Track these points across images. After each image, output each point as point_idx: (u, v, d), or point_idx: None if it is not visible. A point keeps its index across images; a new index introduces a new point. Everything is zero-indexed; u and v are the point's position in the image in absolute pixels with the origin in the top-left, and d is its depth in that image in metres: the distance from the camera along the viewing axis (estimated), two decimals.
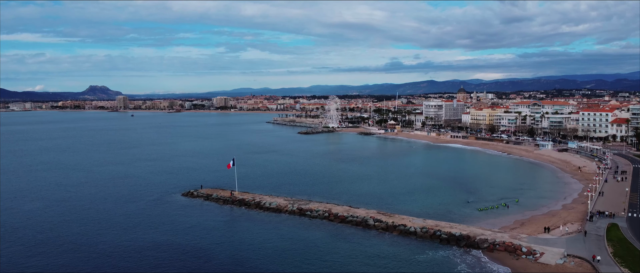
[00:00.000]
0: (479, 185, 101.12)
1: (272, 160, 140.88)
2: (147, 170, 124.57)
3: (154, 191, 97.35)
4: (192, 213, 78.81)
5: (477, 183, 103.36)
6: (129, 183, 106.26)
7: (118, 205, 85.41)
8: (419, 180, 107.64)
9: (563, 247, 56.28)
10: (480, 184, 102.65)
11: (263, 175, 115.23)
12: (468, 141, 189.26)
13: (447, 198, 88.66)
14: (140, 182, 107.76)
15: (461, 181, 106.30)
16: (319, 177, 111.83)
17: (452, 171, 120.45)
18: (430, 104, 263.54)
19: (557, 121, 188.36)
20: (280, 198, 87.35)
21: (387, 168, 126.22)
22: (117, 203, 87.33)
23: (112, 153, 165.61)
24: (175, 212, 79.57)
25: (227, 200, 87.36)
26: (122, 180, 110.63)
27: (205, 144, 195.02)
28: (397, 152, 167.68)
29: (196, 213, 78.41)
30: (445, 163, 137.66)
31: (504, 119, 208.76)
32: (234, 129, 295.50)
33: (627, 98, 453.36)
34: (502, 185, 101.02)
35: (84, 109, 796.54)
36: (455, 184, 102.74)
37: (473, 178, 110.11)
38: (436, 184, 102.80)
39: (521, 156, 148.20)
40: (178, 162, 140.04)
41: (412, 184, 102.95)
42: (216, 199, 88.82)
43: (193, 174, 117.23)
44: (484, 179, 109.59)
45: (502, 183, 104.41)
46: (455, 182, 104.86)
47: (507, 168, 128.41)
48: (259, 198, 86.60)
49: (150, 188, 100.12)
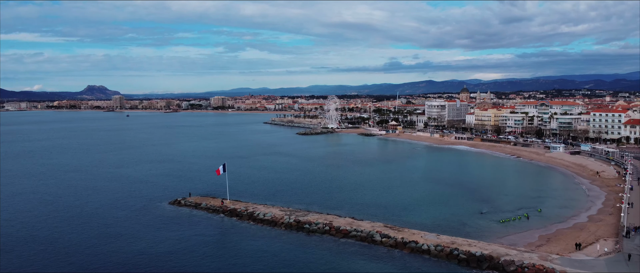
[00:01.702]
0: (492, 193, 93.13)
1: (268, 164, 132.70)
2: (132, 175, 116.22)
3: (138, 198, 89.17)
4: (177, 225, 70.56)
5: (489, 191, 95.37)
6: (113, 189, 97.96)
7: (97, 214, 77.21)
8: (426, 187, 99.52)
9: (603, 270, 48.30)
10: (493, 191, 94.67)
11: (258, 180, 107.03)
12: (474, 143, 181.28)
13: (459, 208, 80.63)
14: (124, 188, 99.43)
15: (472, 187, 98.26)
16: (318, 183, 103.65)
17: (461, 176, 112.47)
18: (432, 104, 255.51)
19: (566, 122, 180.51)
20: (276, 207, 79.25)
21: (391, 173, 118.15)
22: (96, 211, 79.13)
23: (98, 156, 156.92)
24: (160, 224, 71.33)
25: (217, 210, 79.31)
26: (105, 185, 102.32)
27: (198, 146, 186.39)
28: (400, 154, 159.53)
29: (182, 226, 70.15)
30: (452, 167, 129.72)
31: (510, 120, 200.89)
32: (230, 130, 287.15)
33: (628, 98, 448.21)
34: (516, 193, 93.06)
35: (80, 109, 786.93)
36: (465, 191, 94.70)
37: (484, 184, 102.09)
38: (445, 191, 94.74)
39: (532, 159, 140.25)
40: (167, 166, 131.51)
41: (419, 191, 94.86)
42: (205, 208, 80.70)
43: (182, 179, 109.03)
44: (496, 185, 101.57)
45: (516, 190, 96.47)
46: (466, 189, 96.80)
47: (519, 173, 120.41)
48: (252, 208, 78.49)
49: (135, 195, 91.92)
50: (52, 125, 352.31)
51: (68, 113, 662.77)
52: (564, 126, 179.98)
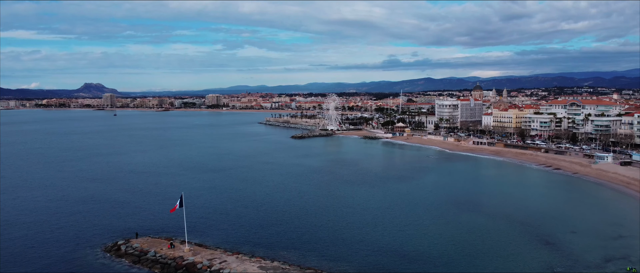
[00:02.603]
0: (553, 229, 68.05)
1: (249, 184, 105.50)
2: (70, 199, 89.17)
3: (65, 240, 63.77)
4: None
5: (547, 225, 70.25)
6: (36, 223, 72.16)
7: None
8: (461, 220, 74.07)
9: None
10: (554, 226, 69.52)
11: (231, 211, 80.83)
12: (496, 150, 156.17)
13: (519, 260, 55.50)
14: (51, 221, 73.40)
15: (522, 219, 73.12)
16: (315, 215, 77.81)
17: (500, 200, 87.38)
18: (443, 103, 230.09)
19: (603, 124, 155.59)
20: (253, 260, 54.18)
21: (409, 196, 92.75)
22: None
23: (41, 169, 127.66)
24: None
25: (167, 265, 54.14)
26: (28, 217, 76.28)
27: (168, 156, 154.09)
28: (414, 166, 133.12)
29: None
30: (482, 185, 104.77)
31: (535, 122, 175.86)
32: (218, 132, 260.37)
33: (632, 96, 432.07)
34: (586, 229, 68.04)
35: (69, 107, 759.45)
36: (516, 226, 69.61)
37: (536, 214, 76.87)
38: (488, 227, 69.55)
39: (576, 172, 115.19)
40: (119, 186, 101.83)
41: (454, 227, 69.55)
42: (152, 261, 55.49)
43: (132, 207, 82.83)
44: (553, 215, 76.32)
45: (583, 223, 71.41)
46: (515, 222, 71.65)
47: (572, 195, 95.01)
48: (219, 262, 53.45)
49: (62, 234, 66.38)
50: (25, 126, 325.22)
51: (56, 112, 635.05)
52: (601, 129, 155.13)
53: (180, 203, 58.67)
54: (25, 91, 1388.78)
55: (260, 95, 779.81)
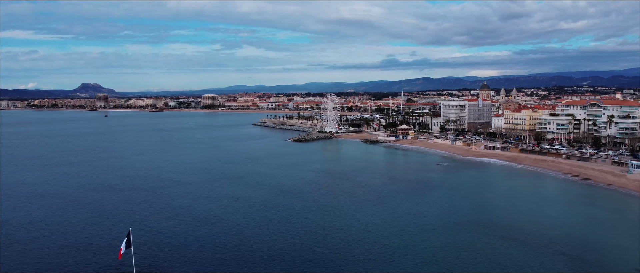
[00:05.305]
0: (612, 265, 53.41)
1: (232, 201, 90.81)
2: (9, 224, 74.89)
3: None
4: None
5: (604, 259, 55.57)
6: None
7: None
8: (490, 248, 59.16)
9: None
10: (611, 261, 54.87)
11: (205, 246, 66.09)
12: (512, 155, 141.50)
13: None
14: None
15: (569, 251, 58.46)
16: (312, 250, 63.08)
17: (532, 222, 72.56)
18: (450, 104, 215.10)
19: (629, 127, 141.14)
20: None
21: (423, 216, 77.87)
22: None
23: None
24: None
25: None
26: None
27: (145, 164, 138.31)
28: (423, 175, 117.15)
29: None
30: (506, 200, 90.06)
31: (551, 124, 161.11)
32: (210, 135, 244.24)
33: (634, 95, 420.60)
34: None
35: (62, 107, 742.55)
36: (562, 260, 55.09)
37: (583, 243, 62.12)
38: (527, 260, 54.82)
39: (609, 184, 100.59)
40: (76, 206, 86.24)
41: (483, 260, 54.69)
42: None
43: (83, 233, 67.87)
44: (605, 246, 61.43)
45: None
46: (560, 254, 56.95)
47: (618, 215, 79.80)
48: None
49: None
50: (6, 128, 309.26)
51: (47, 112, 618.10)
52: (627, 132, 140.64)
53: (127, 243, 43.36)
54: (22, 92, 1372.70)
55: (257, 95, 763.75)
